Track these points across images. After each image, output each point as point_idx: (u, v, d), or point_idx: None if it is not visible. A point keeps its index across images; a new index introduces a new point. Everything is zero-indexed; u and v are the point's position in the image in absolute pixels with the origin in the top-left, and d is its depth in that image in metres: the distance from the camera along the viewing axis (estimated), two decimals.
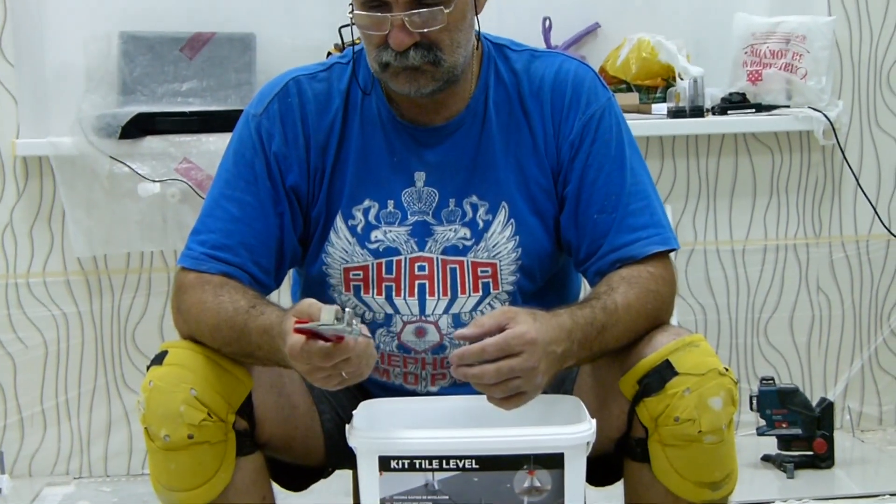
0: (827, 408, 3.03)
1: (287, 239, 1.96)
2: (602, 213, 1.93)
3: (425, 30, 1.84)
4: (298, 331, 1.65)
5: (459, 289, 1.96)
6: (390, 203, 1.96)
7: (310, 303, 1.72)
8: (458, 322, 1.95)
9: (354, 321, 1.66)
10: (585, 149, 1.95)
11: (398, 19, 1.83)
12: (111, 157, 2.93)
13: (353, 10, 1.87)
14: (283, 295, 2.75)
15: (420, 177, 1.97)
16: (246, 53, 3.12)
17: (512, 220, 1.96)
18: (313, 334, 1.64)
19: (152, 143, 2.95)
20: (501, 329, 1.72)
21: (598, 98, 1.98)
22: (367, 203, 1.96)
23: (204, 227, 1.94)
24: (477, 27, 1.94)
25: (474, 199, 1.96)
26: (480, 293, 1.96)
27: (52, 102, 3.12)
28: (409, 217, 1.96)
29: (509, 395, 1.72)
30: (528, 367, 1.71)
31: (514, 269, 1.96)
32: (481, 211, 1.96)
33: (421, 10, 1.83)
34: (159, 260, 3.10)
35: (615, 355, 1.88)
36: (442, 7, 1.84)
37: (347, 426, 1.75)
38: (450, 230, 1.96)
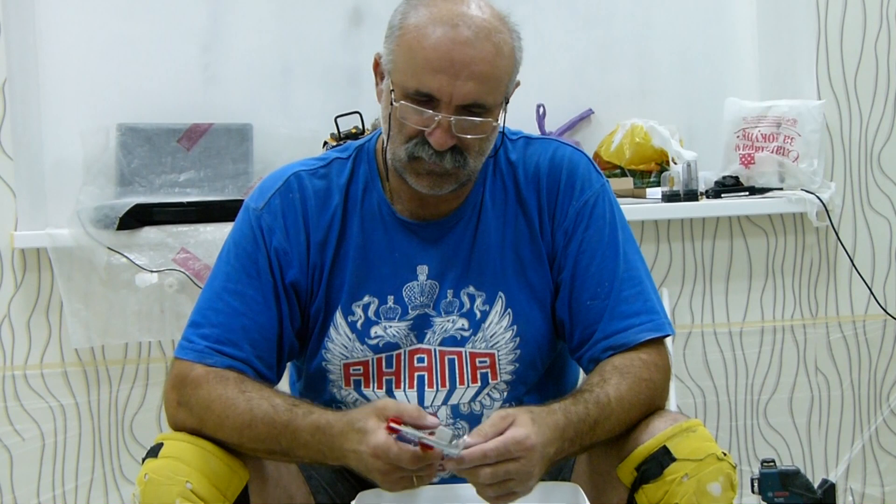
0: (829, 489, 2.99)
1: (286, 334, 1.95)
2: (595, 300, 1.93)
3: (468, 136, 1.83)
4: (393, 430, 1.66)
5: (458, 380, 1.95)
6: (390, 299, 1.96)
7: (395, 403, 1.72)
8: (456, 413, 1.94)
9: (456, 441, 1.67)
10: (579, 235, 1.96)
11: (446, 121, 1.81)
12: (109, 248, 2.93)
13: (393, 98, 1.84)
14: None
15: (423, 270, 1.97)
16: (243, 144, 3.13)
17: (509, 310, 1.96)
18: (400, 436, 1.66)
19: (150, 233, 2.95)
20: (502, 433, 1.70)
21: (592, 184, 1.99)
22: (366, 299, 1.96)
23: (205, 321, 1.93)
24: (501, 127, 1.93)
25: (471, 289, 1.96)
26: (479, 384, 1.95)
27: (51, 195, 3.13)
28: (409, 311, 1.95)
29: (502, 494, 1.70)
30: (525, 472, 1.69)
31: (513, 358, 1.96)
32: (478, 301, 1.96)
33: (471, 118, 1.82)
34: (157, 350, 3.09)
35: (612, 442, 1.87)
36: (491, 120, 1.83)
37: None
38: (448, 321, 1.96)
